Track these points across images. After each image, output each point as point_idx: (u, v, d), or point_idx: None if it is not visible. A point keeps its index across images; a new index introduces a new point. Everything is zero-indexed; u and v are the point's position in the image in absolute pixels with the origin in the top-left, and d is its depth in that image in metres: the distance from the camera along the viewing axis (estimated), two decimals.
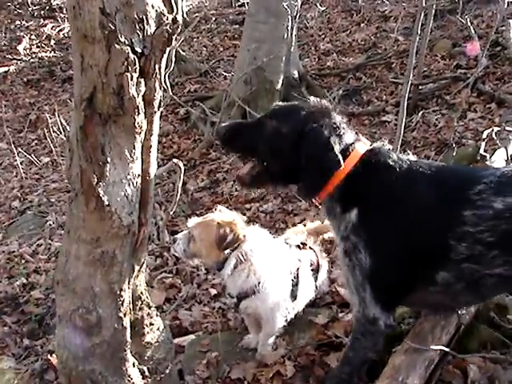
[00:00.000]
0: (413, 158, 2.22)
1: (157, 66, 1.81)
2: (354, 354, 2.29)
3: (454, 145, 4.95)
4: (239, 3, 9.84)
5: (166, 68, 1.92)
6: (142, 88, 1.78)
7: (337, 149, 2.10)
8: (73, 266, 1.91)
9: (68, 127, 6.83)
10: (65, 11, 12.20)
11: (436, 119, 5.73)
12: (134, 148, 1.84)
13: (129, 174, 1.85)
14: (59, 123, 7.04)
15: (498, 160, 3.72)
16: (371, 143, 2.26)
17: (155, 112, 1.90)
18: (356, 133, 2.25)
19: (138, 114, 1.78)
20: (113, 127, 1.76)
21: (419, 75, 6.26)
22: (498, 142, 3.84)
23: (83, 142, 1.74)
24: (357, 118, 6.24)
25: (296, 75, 6.93)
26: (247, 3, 8.07)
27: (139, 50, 1.72)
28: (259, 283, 2.70)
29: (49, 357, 3.21)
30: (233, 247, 2.66)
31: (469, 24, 6.83)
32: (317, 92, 6.91)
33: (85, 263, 1.90)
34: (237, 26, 10.73)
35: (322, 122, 2.13)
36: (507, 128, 4.24)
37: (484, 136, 4.10)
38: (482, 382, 2.40)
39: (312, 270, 3.10)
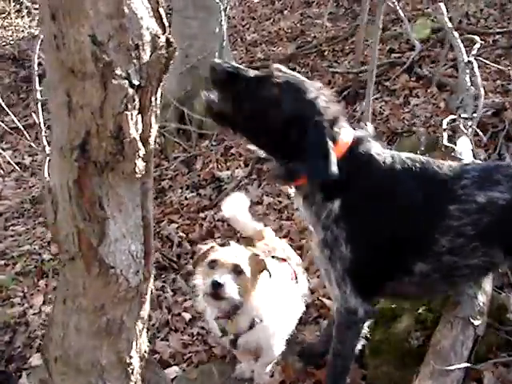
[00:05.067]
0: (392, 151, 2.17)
1: (153, 98, 1.54)
2: (342, 346, 2.30)
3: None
4: None
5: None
6: (140, 126, 1.51)
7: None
8: (73, 339, 1.63)
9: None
10: None
11: (380, 107, 5.65)
12: (134, 196, 1.57)
13: (131, 227, 1.57)
14: None
15: (464, 150, 3.64)
16: (353, 129, 2.15)
17: (151, 150, 1.62)
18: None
19: (139, 157, 1.51)
20: (110, 176, 1.48)
21: (357, 62, 6.18)
22: (463, 130, 3.76)
23: (79, 199, 1.45)
24: None
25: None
26: None
27: (136, 83, 1.44)
28: (258, 316, 2.50)
29: None
30: None
31: (397, 7, 6.82)
32: None
33: (88, 335, 1.61)
34: None
35: (324, 111, 2.00)
36: (463, 115, 4.21)
37: (444, 126, 4.02)
38: None
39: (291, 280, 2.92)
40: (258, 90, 2.00)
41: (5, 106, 5.46)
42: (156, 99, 1.55)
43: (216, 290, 2.28)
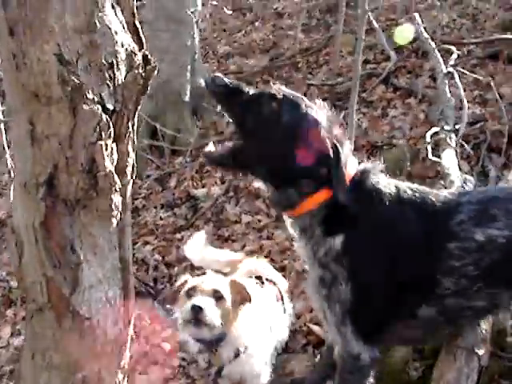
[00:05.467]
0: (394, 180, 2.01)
1: (130, 124, 1.35)
2: None
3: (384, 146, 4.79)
4: None
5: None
6: (115, 156, 1.32)
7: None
8: None
9: None
10: None
11: (358, 119, 5.51)
12: (111, 235, 1.37)
13: (108, 271, 1.37)
14: None
15: (450, 164, 3.53)
16: (359, 161, 2.00)
17: (128, 182, 1.43)
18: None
19: (115, 191, 1.31)
20: (82, 214, 1.28)
21: (333, 74, 6.06)
22: (449, 142, 3.65)
23: (46, 242, 1.24)
24: None
25: (203, 84, 6.50)
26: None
27: (111, 107, 1.25)
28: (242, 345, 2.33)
29: None
30: None
31: (371, 18, 6.73)
32: None
33: None
34: None
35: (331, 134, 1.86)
36: (446, 127, 4.11)
37: (428, 139, 3.90)
38: None
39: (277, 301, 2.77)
40: (258, 104, 1.87)
41: None
42: (133, 125, 1.35)
43: (196, 315, 2.12)
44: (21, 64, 1.15)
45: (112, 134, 1.26)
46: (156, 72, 1.37)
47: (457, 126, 4.07)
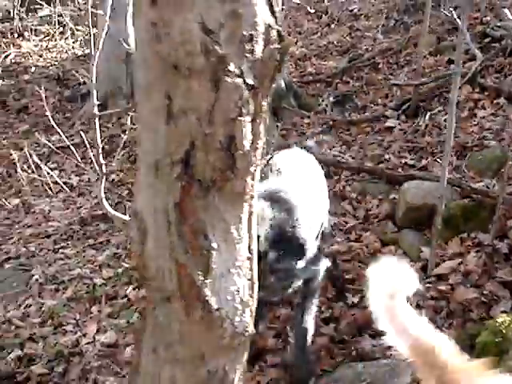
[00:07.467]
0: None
1: (264, 103, 1.26)
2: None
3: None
4: None
5: None
6: (251, 136, 1.23)
7: None
8: None
9: (37, 160, 6.03)
10: (9, 35, 11.25)
11: (444, 120, 5.30)
12: (241, 222, 1.28)
13: (237, 260, 1.29)
14: (26, 158, 6.26)
15: None
16: None
17: (258, 166, 1.34)
18: None
19: (251, 173, 1.22)
20: (217, 197, 1.20)
21: (418, 74, 5.85)
22: None
23: (180, 226, 1.16)
24: (357, 125, 5.75)
25: (282, 85, 6.42)
26: None
27: (251, 82, 1.16)
28: None
29: None
30: None
31: (455, 16, 6.47)
32: (306, 101, 6.44)
33: None
34: None
35: None
36: None
37: None
38: None
39: None
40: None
41: (55, 125, 5.25)
42: (267, 104, 1.26)
43: None
44: (161, 34, 1.07)
45: (251, 112, 1.17)
46: (291, 48, 1.27)
47: None
